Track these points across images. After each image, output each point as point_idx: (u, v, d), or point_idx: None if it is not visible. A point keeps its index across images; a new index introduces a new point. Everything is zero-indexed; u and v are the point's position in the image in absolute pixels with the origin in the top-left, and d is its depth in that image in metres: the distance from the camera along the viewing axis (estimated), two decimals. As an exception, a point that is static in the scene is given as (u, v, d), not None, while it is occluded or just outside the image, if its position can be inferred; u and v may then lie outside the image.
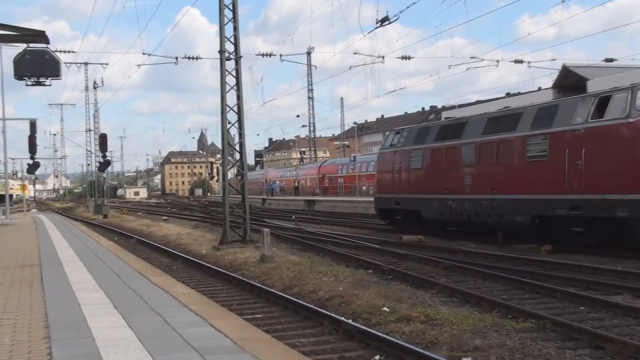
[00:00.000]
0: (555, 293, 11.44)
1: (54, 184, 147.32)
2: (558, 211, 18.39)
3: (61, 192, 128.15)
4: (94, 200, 58.16)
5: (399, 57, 47.69)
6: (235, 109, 21.54)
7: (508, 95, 63.88)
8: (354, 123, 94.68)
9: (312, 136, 73.90)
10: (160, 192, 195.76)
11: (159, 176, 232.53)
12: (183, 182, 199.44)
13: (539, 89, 59.87)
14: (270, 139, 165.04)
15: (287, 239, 23.86)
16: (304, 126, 77.82)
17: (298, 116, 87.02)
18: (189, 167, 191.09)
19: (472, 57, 45.35)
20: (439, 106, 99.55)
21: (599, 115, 17.31)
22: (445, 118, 26.46)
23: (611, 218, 16.84)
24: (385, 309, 9.96)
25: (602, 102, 17.32)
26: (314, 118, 72.85)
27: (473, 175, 22.13)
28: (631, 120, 16.45)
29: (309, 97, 72.35)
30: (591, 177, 17.36)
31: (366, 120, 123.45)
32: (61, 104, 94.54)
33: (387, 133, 30.01)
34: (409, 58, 47.57)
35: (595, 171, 17.31)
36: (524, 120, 20.18)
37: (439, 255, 17.35)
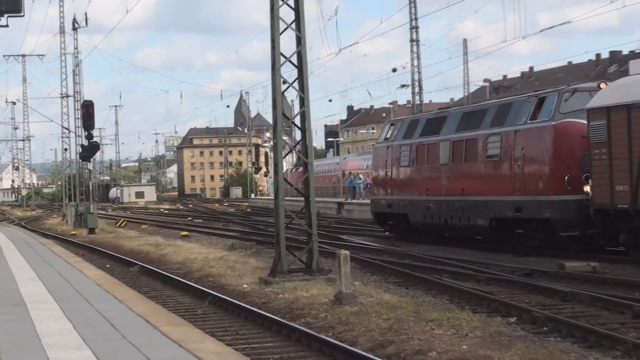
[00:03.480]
0: None
1: (13, 181, 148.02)
2: (507, 213, 27.70)
3: (24, 192, 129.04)
4: (74, 206, 59.05)
5: (558, -27, 47.19)
6: (295, 59, 21.50)
7: None
8: (485, 80, 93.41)
9: (418, 102, 73.12)
10: (176, 193, 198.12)
11: (174, 167, 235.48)
12: (212, 177, 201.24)
13: None
14: (350, 108, 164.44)
15: (377, 267, 24.00)
16: (404, 86, 76.67)
17: (395, 70, 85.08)
18: (221, 152, 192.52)
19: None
20: (625, 51, 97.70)
21: (535, 116, 26.70)
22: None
23: (541, 219, 26.21)
24: (538, 381, 10.17)
25: (540, 103, 26.78)
26: (420, 73, 71.88)
27: (448, 175, 31.35)
28: (553, 122, 25.71)
29: (412, 40, 71.74)
30: (529, 179, 26.65)
31: (505, 76, 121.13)
32: (23, 55, 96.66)
33: (385, 124, 40.33)
34: (575, -27, 47.08)
35: (531, 173, 26.61)
36: (487, 117, 29.40)
37: (626, 295, 17.23)
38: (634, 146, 22.66)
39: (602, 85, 25.48)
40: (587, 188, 24.68)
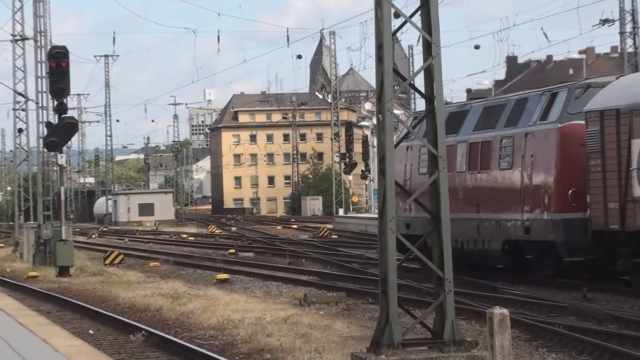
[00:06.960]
0: None
1: None
2: (518, 235, 34.15)
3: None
4: (33, 229, 58.62)
5: None
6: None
7: None
8: None
9: (631, 48, 72.53)
10: (209, 207, 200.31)
11: (206, 162, 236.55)
12: (272, 180, 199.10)
13: None
14: (511, 59, 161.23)
15: (557, 337, 23.80)
16: (606, 22, 77.29)
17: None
18: (287, 137, 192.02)
19: None
20: None
21: (545, 116, 33.17)
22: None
23: (548, 242, 32.86)
24: None
25: (552, 100, 33.30)
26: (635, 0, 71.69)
27: (464, 187, 38.68)
28: (559, 125, 32.68)
29: None
30: (536, 194, 33.34)
31: None
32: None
33: (408, 118, 50.81)
34: None
35: (538, 186, 33.10)
36: (504, 115, 36.07)
37: None
38: (622, 157, 28.60)
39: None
40: None
